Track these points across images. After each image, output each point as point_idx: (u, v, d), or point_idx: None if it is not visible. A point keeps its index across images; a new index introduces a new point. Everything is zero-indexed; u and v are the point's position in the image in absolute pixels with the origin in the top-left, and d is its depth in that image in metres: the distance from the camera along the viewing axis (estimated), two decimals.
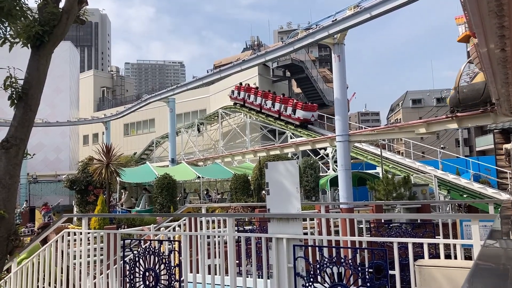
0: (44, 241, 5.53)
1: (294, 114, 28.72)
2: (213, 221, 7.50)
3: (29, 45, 4.89)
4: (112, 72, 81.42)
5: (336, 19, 16.40)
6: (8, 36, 4.87)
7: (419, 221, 6.79)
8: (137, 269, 4.34)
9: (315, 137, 25.36)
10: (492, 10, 2.43)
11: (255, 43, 58.82)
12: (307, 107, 28.77)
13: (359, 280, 3.38)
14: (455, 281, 2.85)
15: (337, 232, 7.95)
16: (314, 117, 28.70)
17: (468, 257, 4.27)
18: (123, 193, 23.42)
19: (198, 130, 39.53)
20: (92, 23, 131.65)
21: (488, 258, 1.62)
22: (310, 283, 3.36)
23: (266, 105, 31.30)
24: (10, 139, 4.72)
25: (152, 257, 4.28)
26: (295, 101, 29.75)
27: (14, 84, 4.78)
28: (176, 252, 4.70)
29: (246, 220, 10.40)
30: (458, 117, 16.01)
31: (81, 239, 5.09)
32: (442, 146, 31.82)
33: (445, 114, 17.50)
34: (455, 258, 4.07)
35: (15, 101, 4.82)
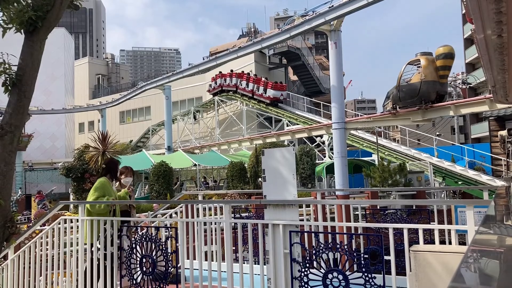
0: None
1: (265, 93, 30.82)
2: (209, 208, 7.53)
3: (22, 30, 4.83)
4: (107, 59, 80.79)
5: (332, 6, 16.29)
6: (1, 21, 4.81)
7: (414, 208, 6.85)
8: (134, 256, 4.36)
9: (311, 124, 25.37)
10: None
11: (252, 30, 58.42)
12: (277, 86, 30.88)
13: (355, 266, 3.42)
14: (450, 266, 2.88)
15: (333, 219, 8.01)
16: (283, 96, 31.01)
17: (462, 242, 4.32)
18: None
19: (194, 117, 39.41)
20: (87, 9, 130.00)
21: (481, 243, 1.64)
22: (306, 269, 3.39)
23: (241, 85, 33.23)
24: (4, 126, 4.69)
25: (149, 243, 4.29)
26: (266, 81, 31.52)
27: (7, 70, 4.74)
28: (173, 239, 4.72)
29: (243, 207, 10.45)
30: (398, 113, 17.36)
31: (77, 226, 5.10)
32: (437, 133, 31.91)
33: (387, 110, 18.55)
34: (450, 243, 4.12)
35: (9, 88, 4.77)
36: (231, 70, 35.32)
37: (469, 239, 3.06)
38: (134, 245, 4.38)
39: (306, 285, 3.39)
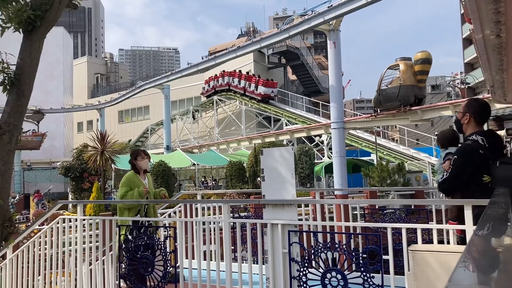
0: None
1: (257, 90, 31.62)
2: (208, 208, 7.52)
3: (21, 30, 4.82)
4: (106, 59, 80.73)
5: (332, 5, 16.30)
6: (0, 21, 4.80)
7: (413, 207, 6.86)
8: (132, 255, 4.35)
9: (310, 124, 25.38)
10: None
11: (251, 29, 58.46)
12: (268, 83, 31.73)
13: (353, 265, 3.42)
14: (448, 265, 2.88)
15: (331, 218, 8.01)
16: (273, 93, 31.85)
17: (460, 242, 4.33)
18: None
19: (193, 117, 39.39)
20: (85, 8, 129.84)
21: (480, 242, 1.64)
22: (305, 268, 3.40)
23: (234, 83, 33.97)
24: (3, 125, 4.68)
25: (147, 243, 4.29)
26: (257, 78, 32.17)
27: (6, 70, 4.72)
28: (172, 238, 4.72)
29: (242, 206, 10.45)
30: (381, 116, 18.14)
31: (76, 226, 5.10)
32: (436, 133, 31.89)
33: (370, 114, 19.43)
34: (448, 243, 4.12)
35: (8, 87, 4.76)
36: (223, 71, 35.69)
37: (467, 238, 3.07)
38: (132, 245, 4.37)
39: (304, 285, 3.39)
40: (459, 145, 4.26)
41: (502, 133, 18.42)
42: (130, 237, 4.45)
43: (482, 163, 3.21)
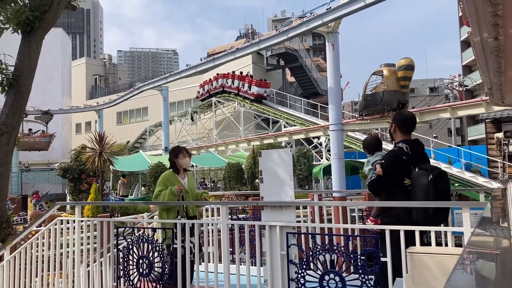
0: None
1: (250, 90, 32.02)
2: (206, 210, 7.52)
3: (19, 31, 4.82)
4: (104, 60, 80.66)
5: (330, 7, 16.31)
6: None
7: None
8: (130, 257, 4.35)
9: (308, 126, 25.39)
10: None
11: (249, 31, 58.52)
12: (261, 83, 32.16)
13: (351, 267, 3.42)
14: (446, 267, 2.89)
15: (330, 220, 8.01)
16: (266, 93, 32.35)
17: (458, 244, 4.33)
18: (122, 181, 23.22)
19: (192, 118, 39.38)
20: (84, 9, 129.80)
21: (477, 245, 1.64)
22: (303, 270, 3.40)
23: (227, 84, 34.43)
24: (1, 127, 4.68)
25: (145, 245, 4.29)
26: (250, 78, 32.63)
27: (4, 71, 4.72)
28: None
29: (240, 208, 10.44)
30: (365, 120, 18.81)
31: (74, 227, 5.09)
32: (434, 135, 31.99)
33: (356, 117, 20.41)
34: (446, 245, 4.13)
35: (6, 88, 4.76)
36: (217, 74, 35.96)
37: (465, 241, 3.07)
38: (130, 246, 4.37)
39: (302, 287, 3.39)
40: (383, 150, 4.81)
41: (499, 135, 18.47)
42: (175, 241, 4.17)
43: (404, 168, 3.65)
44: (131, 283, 4.29)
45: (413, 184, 3.64)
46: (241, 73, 34.28)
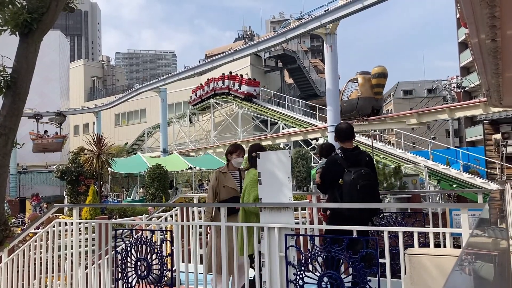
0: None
1: (240, 89, 32.59)
2: (205, 211, 7.50)
3: (17, 32, 4.81)
4: (102, 62, 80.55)
5: (328, 9, 16.35)
6: None
7: (409, 211, 6.86)
8: (128, 259, 4.34)
9: (307, 127, 25.41)
10: (484, 0, 2.43)
11: (248, 33, 58.55)
12: (250, 82, 32.84)
13: (350, 269, 3.42)
14: (444, 269, 2.89)
15: None
16: (256, 92, 32.99)
17: (457, 245, 4.34)
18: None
19: (190, 120, 39.36)
20: (82, 11, 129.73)
21: (476, 246, 1.64)
22: (302, 272, 3.39)
23: (218, 86, 34.98)
24: None
25: (144, 247, 4.28)
26: (240, 78, 33.30)
27: (2, 73, 4.71)
28: (168, 242, 4.71)
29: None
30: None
31: (72, 230, 5.07)
32: (432, 136, 32.04)
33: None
34: (445, 246, 4.13)
35: (3, 90, 4.75)
36: (208, 79, 36.44)
37: (463, 242, 3.07)
38: (129, 249, 4.36)
39: None
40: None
41: (497, 136, 18.51)
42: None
43: (339, 170, 4.34)
44: (129, 286, 4.27)
45: (343, 183, 4.32)
46: (230, 73, 34.50)
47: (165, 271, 4.13)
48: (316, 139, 26.65)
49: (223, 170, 5.21)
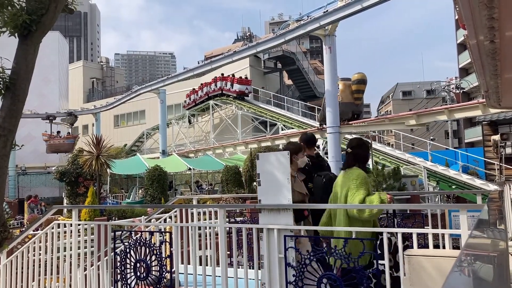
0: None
1: (232, 88, 33.66)
2: (204, 213, 7.51)
3: (16, 34, 4.81)
4: (101, 63, 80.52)
5: (327, 10, 16.36)
6: None
7: (408, 212, 6.87)
8: (128, 261, 4.33)
9: (306, 128, 25.40)
10: (482, 2, 2.44)
11: (247, 34, 58.59)
12: (242, 81, 33.91)
13: (349, 270, 3.42)
14: (443, 270, 2.89)
15: None
16: (248, 90, 33.97)
17: (456, 246, 4.34)
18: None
19: (189, 121, 39.35)
20: (81, 13, 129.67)
21: (474, 247, 1.64)
22: (301, 273, 3.39)
23: (211, 89, 35.84)
24: None
25: (143, 248, 4.28)
26: (232, 77, 34.35)
27: (1, 74, 4.71)
28: (167, 243, 4.71)
29: (237, 211, 10.43)
30: (325, 129, 20.22)
31: (71, 231, 5.07)
32: (431, 138, 32.10)
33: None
34: (444, 247, 4.13)
35: (3, 91, 4.75)
36: (201, 84, 37.02)
37: (462, 243, 3.08)
38: (128, 250, 4.35)
39: None
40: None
41: (496, 137, 18.52)
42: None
43: (307, 175, 4.73)
44: (128, 287, 4.27)
45: (313, 186, 4.68)
46: (222, 74, 34.95)
47: (164, 273, 4.13)
48: None
49: (291, 172, 4.54)
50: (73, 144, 31.89)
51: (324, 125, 20.24)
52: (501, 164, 18.32)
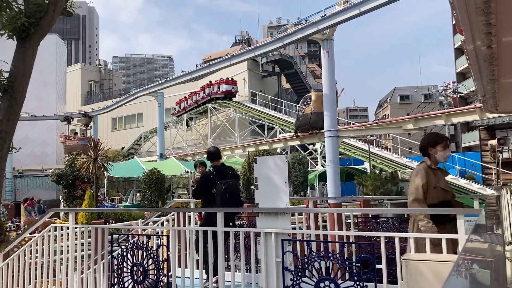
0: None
1: (219, 89, 34.84)
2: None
3: (14, 37, 4.81)
4: (99, 66, 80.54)
5: (325, 15, 16.40)
6: None
7: (406, 216, 6.86)
8: (125, 264, 4.32)
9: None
10: (479, 7, 2.45)
11: (245, 37, 58.72)
12: (228, 82, 35.12)
13: (347, 274, 3.42)
14: (441, 274, 2.89)
15: (325, 227, 8.01)
16: (234, 89, 35.14)
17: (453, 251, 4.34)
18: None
19: (187, 124, 39.34)
20: (80, 15, 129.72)
21: (472, 251, 1.65)
22: (298, 277, 3.39)
23: (200, 97, 36.87)
24: None
25: (140, 251, 4.26)
26: (218, 80, 35.40)
27: None
28: (164, 247, 4.69)
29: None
30: (300, 136, 21.98)
31: (68, 234, 5.05)
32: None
33: (293, 135, 22.90)
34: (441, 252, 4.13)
35: (0, 94, 4.74)
36: (191, 92, 38.04)
37: (460, 248, 3.08)
38: (125, 253, 4.34)
39: None
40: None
41: (493, 142, 18.60)
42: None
43: (211, 183, 5.66)
44: None
45: (216, 192, 5.55)
46: (210, 82, 35.62)
47: (161, 276, 4.12)
48: (313, 144, 26.68)
49: (431, 165, 4.07)
50: (86, 145, 31.99)
51: (299, 134, 21.69)
52: (498, 168, 18.38)
